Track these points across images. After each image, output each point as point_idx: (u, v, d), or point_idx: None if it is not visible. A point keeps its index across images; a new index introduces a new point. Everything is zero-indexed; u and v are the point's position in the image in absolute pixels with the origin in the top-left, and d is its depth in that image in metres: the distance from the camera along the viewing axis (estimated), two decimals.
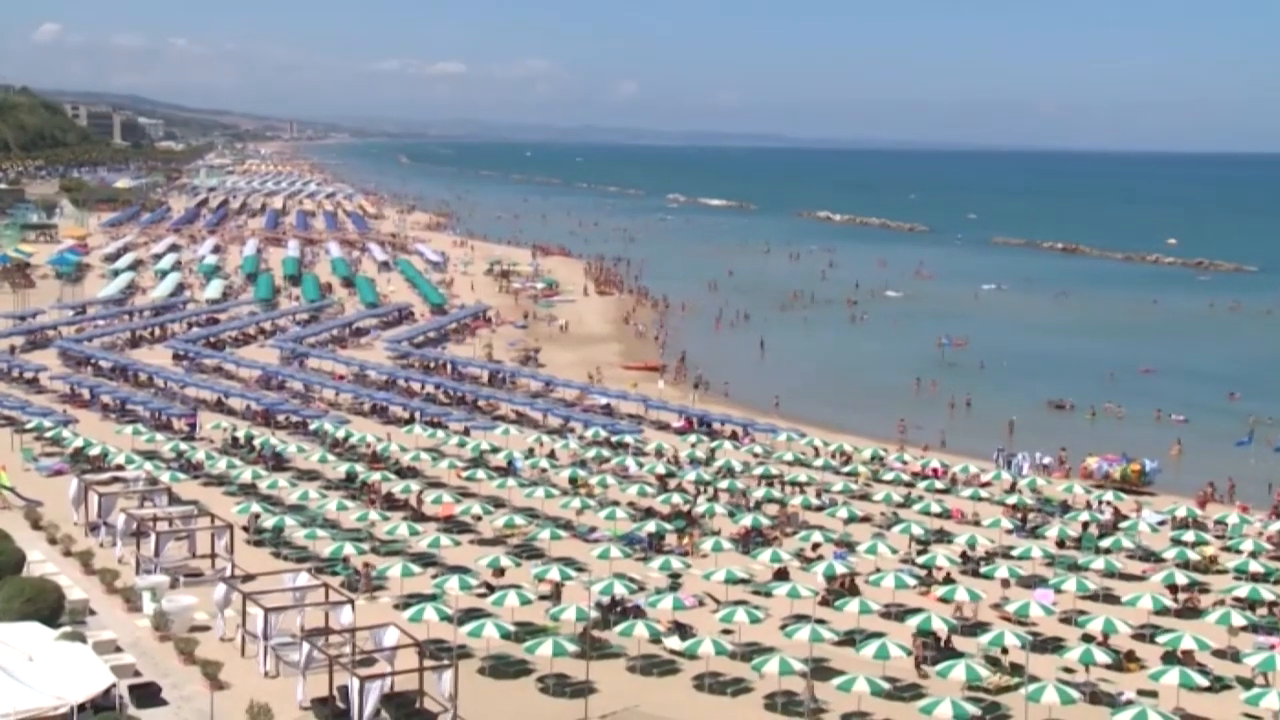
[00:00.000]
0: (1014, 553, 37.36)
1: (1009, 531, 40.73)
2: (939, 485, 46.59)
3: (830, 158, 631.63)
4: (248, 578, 31.80)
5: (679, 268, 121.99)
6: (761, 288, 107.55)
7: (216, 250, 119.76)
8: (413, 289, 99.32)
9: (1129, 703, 26.08)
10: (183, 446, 46.73)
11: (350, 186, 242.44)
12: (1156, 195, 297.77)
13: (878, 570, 34.38)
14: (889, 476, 47.14)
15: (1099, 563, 35.75)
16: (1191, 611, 33.53)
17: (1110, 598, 34.14)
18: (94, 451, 45.02)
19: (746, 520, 39.45)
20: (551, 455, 48.35)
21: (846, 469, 48.37)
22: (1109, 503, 44.12)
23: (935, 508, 42.28)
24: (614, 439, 51.64)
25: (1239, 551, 37.79)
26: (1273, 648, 29.55)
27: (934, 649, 29.46)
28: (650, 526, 38.44)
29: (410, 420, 54.25)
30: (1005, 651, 29.16)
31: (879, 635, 29.17)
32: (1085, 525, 41.27)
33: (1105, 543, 38.71)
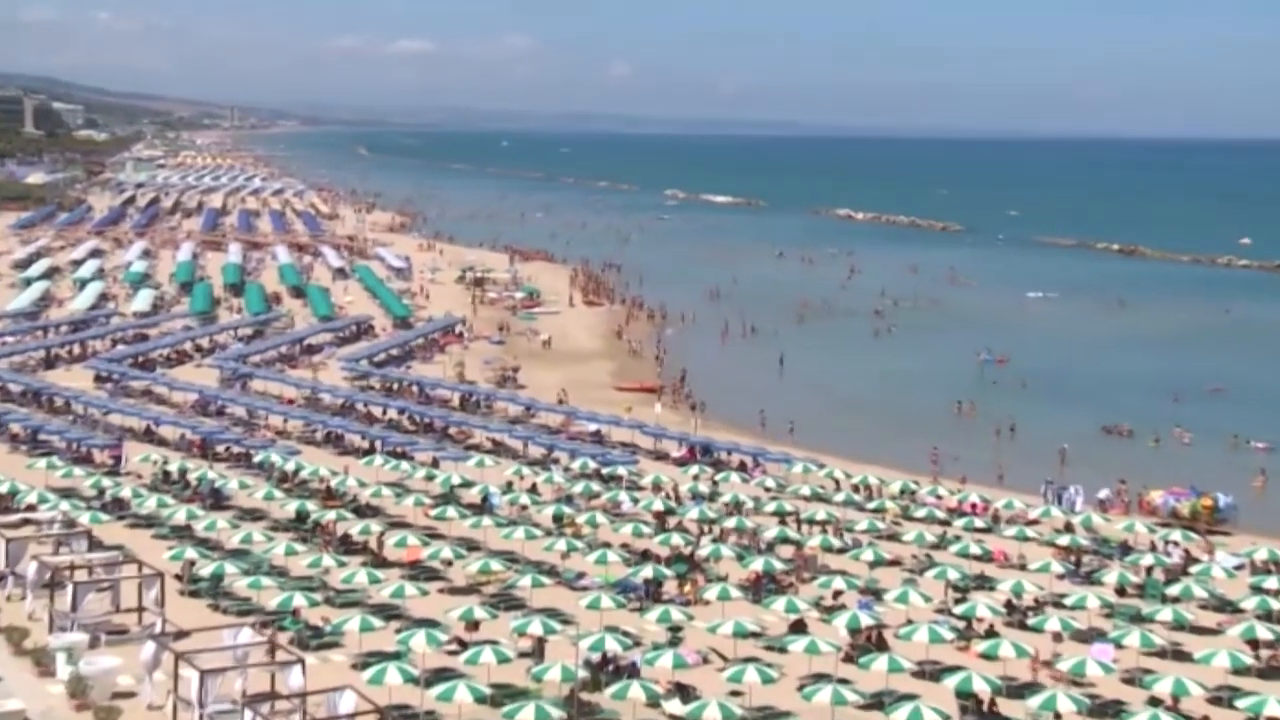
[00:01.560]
0: (1067, 601, 37.24)
1: (1061, 577, 40.60)
2: (979, 523, 46.47)
3: (850, 148, 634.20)
4: (181, 635, 31.52)
5: (678, 274, 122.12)
6: (773, 297, 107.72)
7: (146, 256, 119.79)
8: (373, 299, 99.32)
9: None
10: (106, 482, 46.53)
11: (301, 182, 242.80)
12: (1226, 188, 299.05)
13: (909, 622, 34.23)
14: (921, 513, 47.04)
15: (1166, 613, 35.61)
16: (1276, 671, 33.38)
17: (1180, 654, 34.02)
18: (1, 489, 44.82)
19: (757, 564, 39.31)
20: (533, 490, 48.22)
21: (872, 505, 48.25)
22: (1176, 543, 44.04)
23: (975, 549, 42.14)
24: (605, 471, 51.51)
25: None
26: None
27: (975, 713, 29.27)
28: (647, 572, 38.31)
29: (370, 450, 54.10)
30: (1058, 717, 29.00)
31: (911, 697, 29.01)
32: (1149, 570, 41.15)
33: (1173, 590, 38.58)
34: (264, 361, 74.72)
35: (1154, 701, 29.98)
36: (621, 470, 51.45)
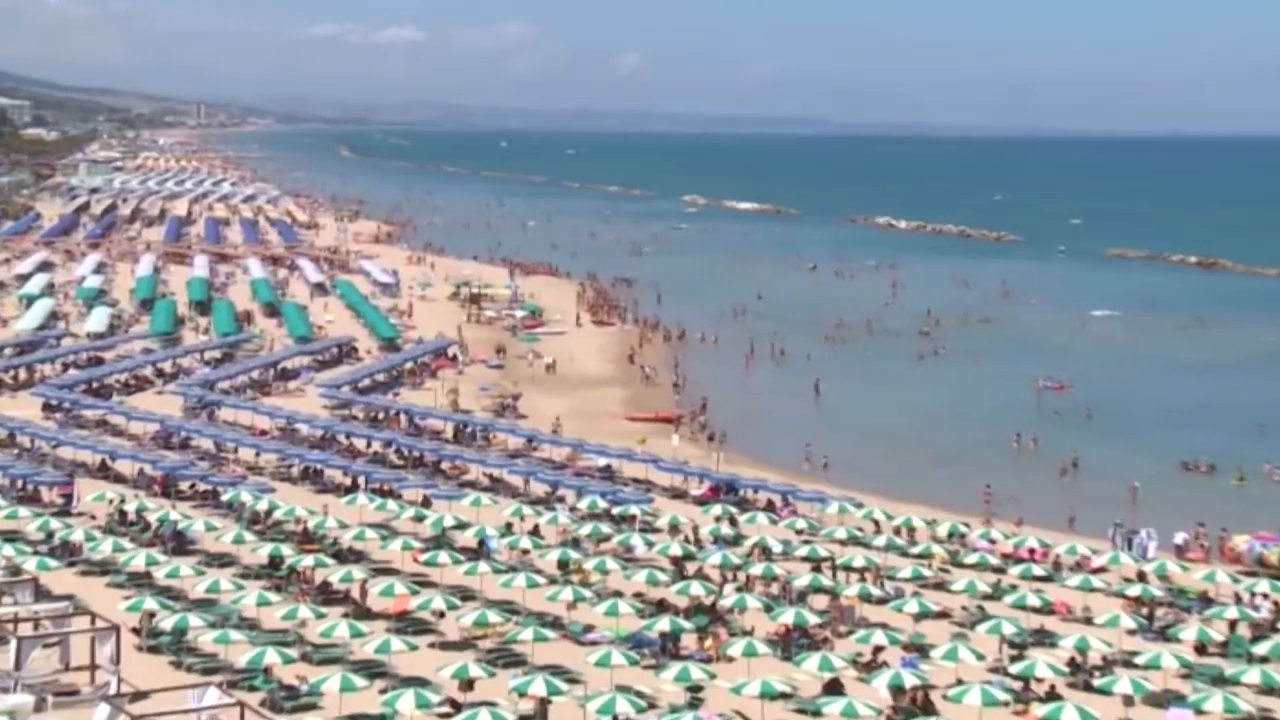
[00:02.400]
0: (1139, 660, 37.07)
1: (1132, 632, 40.44)
2: (1038, 571, 46.33)
3: (891, 147, 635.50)
4: (138, 696, 31.56)
5: (698, 290, 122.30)
6: (804, 316, 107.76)
7: (101, 269, 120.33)
8: (356, 319, 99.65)
9: None
10: (55, 524, 46.66)
11: (276, 187, 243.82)
12: None
13: (959, 682, 34.10)
14: (972, 559, 46.92)
15: (1253, 674, 35.42)
16: None
17: None
18: None
19: (787, 616, 39.25)
20: (535, 532, 48.23)
21: (917, 550, 48.16)
22: (1265, 595, 43.86)
23: (1033, 600, 42.01)
24: (616, 511, 51.50)
25: None
26: None
27: None
28: (663, 624, 38.30)
29: (353, 488, 54.16)
30: None
31: None
32: (1233, 625, 40.96)
33: (1261, 648, 38.38)
34: (234, 388, 74.97)
35: None
36: (634, 510, 51.43)
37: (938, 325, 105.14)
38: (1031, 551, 48.68)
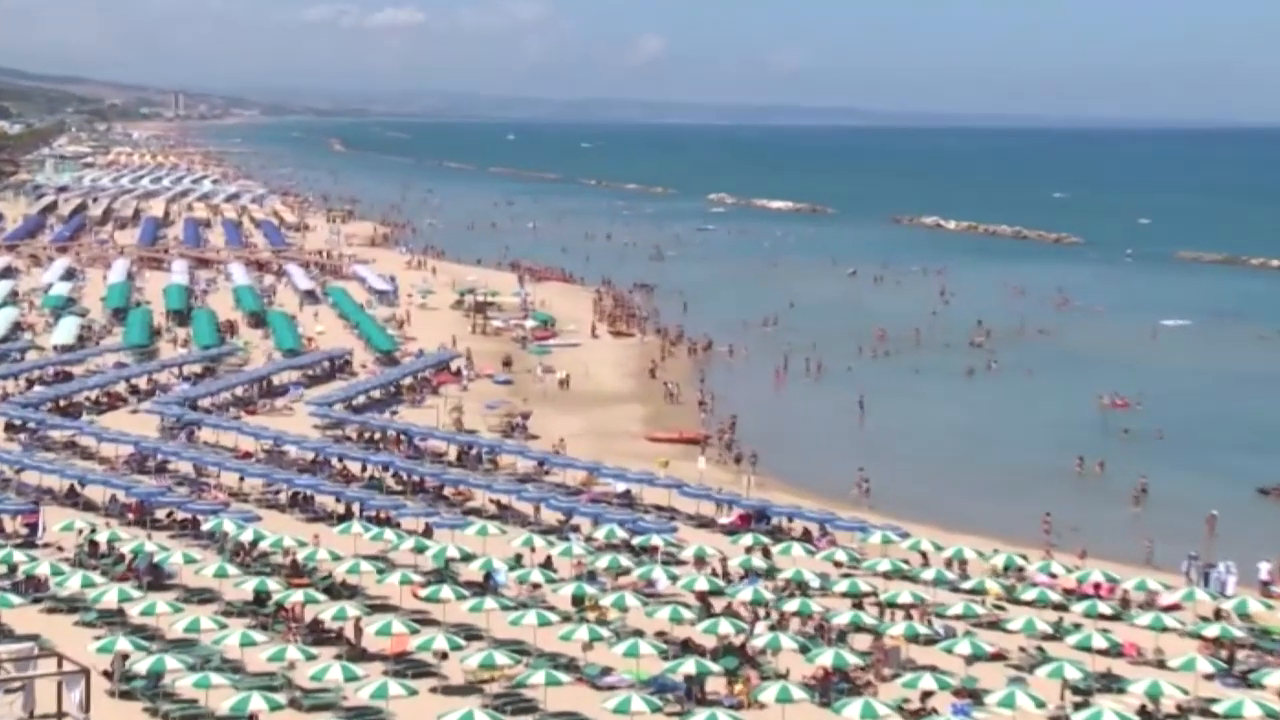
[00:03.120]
0: (1217, 709, 36.86)
1: (1209, 677, 40.21)
2: (1105, 608, 46.09)
3: (937, 141, 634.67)
4: None
5: (726, 298, 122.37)
6: (843, 326, 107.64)
7: (70, 276, 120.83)
8: (350, 329, 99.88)
9: None
10: (18, 556, 46.73)
11: (261, 185, 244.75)
12: None
13: None
14: (1031, 595, 46.72)
15: None
16: None
17: None
18: None
19: (826, 658, 39.16)
20: (547, 564, 48.21)
21: (969, 584, 47.99)
22: None
23: (1100, 641, 41.80)
24: (636, 541, 51.46)
25: None
26: None
27: None
28: (688, 667, 38.24)
29: (346, 516, 54.21)
30: None
31: None
32: None
33: None
34: (215, 406, 75.11)
35: None
36: (656, 540, 51.36)
37: (990, 337, 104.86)
38: (1097, 587, 48.42)
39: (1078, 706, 37.31)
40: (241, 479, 59.81)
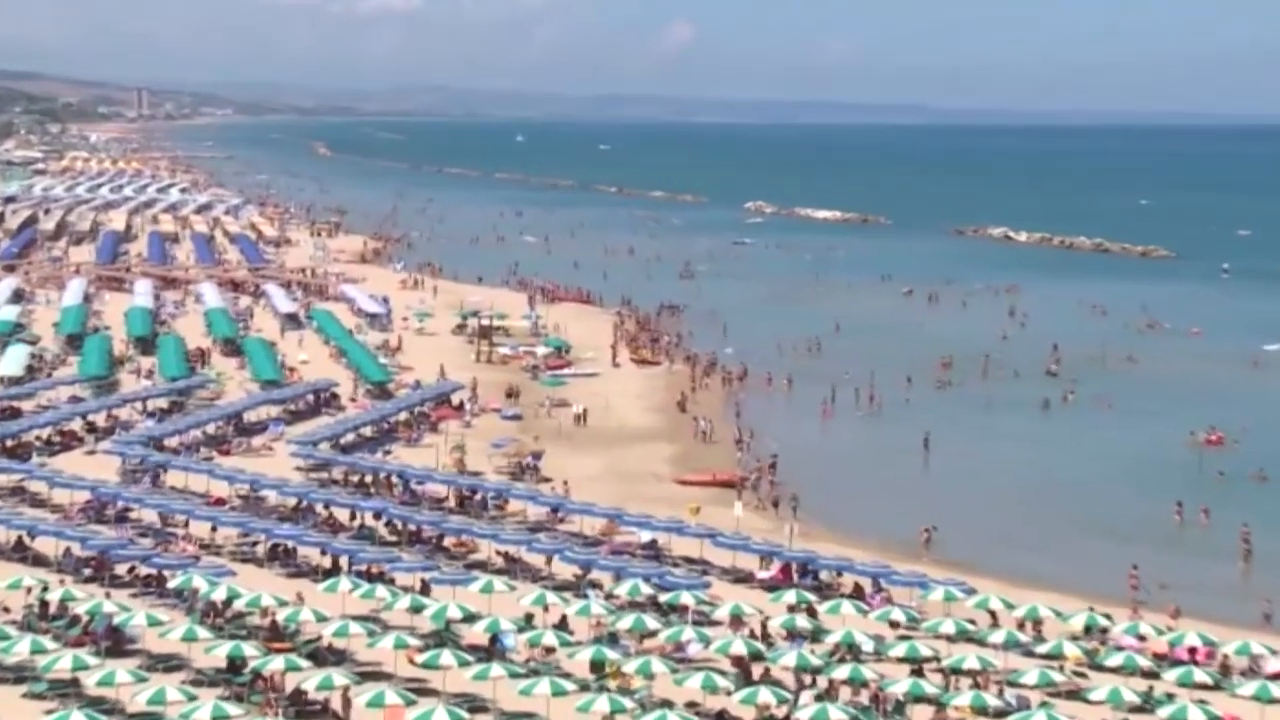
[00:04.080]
0: None
1: None
2: (1201, 676, 45.82)
3: (1007, 141, 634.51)
4: None
5: (765, 321, 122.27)
6: (899, 353, 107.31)
7: (18, 298, 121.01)
8: (338, 358, 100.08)
9: None
10: None
11: (236, 194, 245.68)
12: None
13: None
14: (1116, 661, 46.52)
15: None
16: None
17: None
18: None
19: None
20: (562, 625, 48.21)
21: (1045, 649, 47.81)
22: None
23: (1196, 714, 41.54)
24: (664, 599, 51.37)
25: None
26: None
27: None
28: None
29: (333, 571, 54.24)
30: None
31: None
32: None
33: None
34: (184, 446, 75.22)
35: None
36: (687, 598, 51.27)
37: (1065, 364, 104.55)
38: (1193, 651, 48.15)
39: None
40: (214, 529, 59.77)
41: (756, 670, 44.91)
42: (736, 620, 49.34)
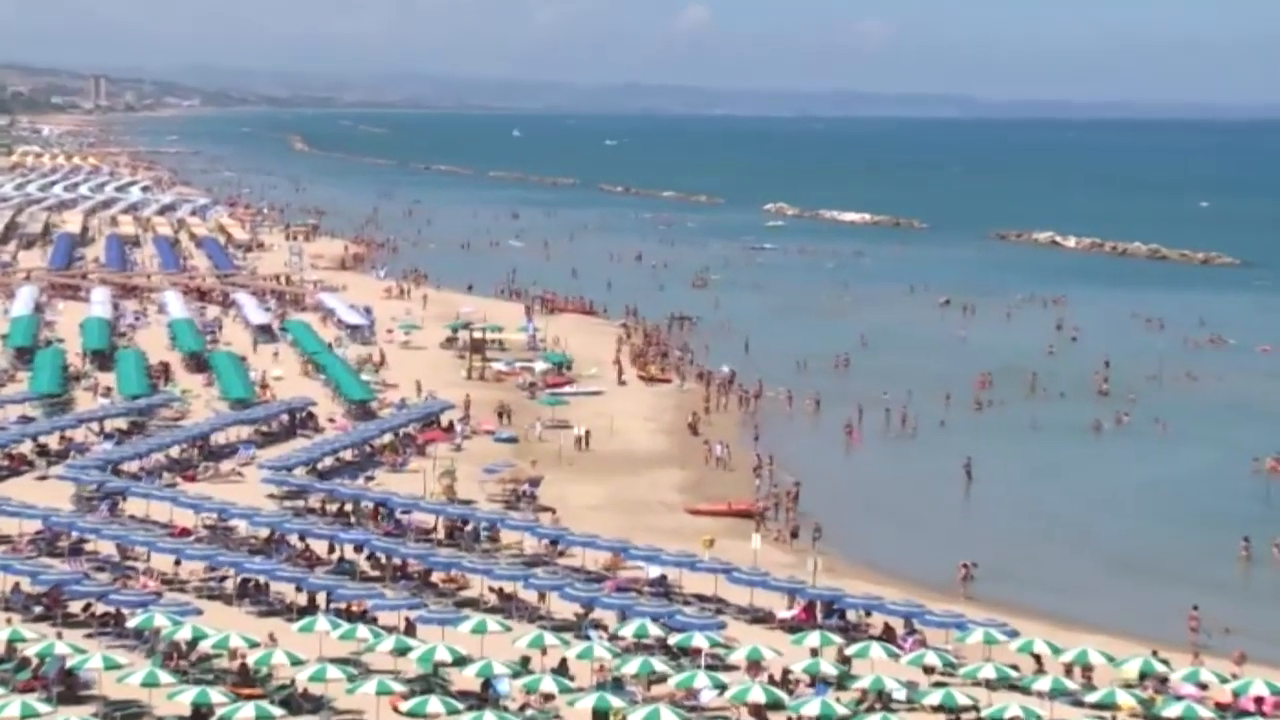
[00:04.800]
0: None
1: None
2: None
3: (1054, 136, 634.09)
4: None
5: (786, 334, 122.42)
6: (934, 369, 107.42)
7: None
8: (315, 374, 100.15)
9: None
10: None
11: (203, 193, 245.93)
12: None
13: None
14: (1175, 711, 46.46)
15: None
16: None
17: None
18: None
19: None
20: (562, 669, 48.25)
21: (1095, 697, 47.81)
22: None
23: None
24: (674, 641, 51.35)
25: None
26: None
27: None
28: None
29: (309, 608, 54.29)
30: None
31: None
32: None
33: None
34: (145, 471, 75.24)
35: None
36: (700, 640, 51.30)
37: (1111, 383, 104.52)
38: (1259, 701, 48.09)
39: None
40: (177, 562, 59.72)
41: None
42: (754, 665, 49.31)
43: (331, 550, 62.19)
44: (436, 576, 59.36)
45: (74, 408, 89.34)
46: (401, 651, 48.65)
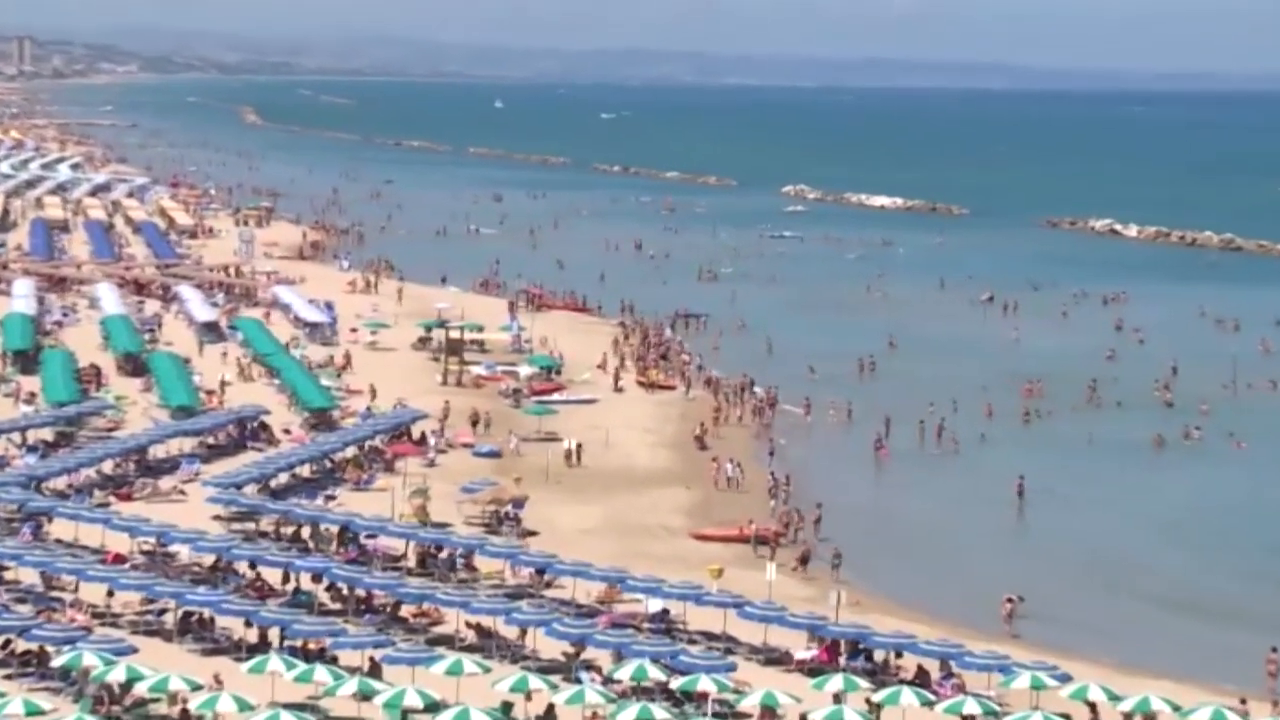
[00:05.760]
0: None
1: None
2: None
3: (1117, 109, 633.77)
4: None
5: (806, 335, 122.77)
6: (975, 375, 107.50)
7: None
8: (269, 378, 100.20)
9: None
10: None
11: (142, 171, 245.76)
12: None
13: None
14: None
15: None
16: None
17: None
18: None
19: None
20: (549, 717, 48.19)
21: None
22: None
23: None
24: (677, 685, 51.46)
25: None
26: None
27: None
28: None
29: (260, 646, 54.32)
30: None
31: None
32: None
33: None
34: (74, 488, 75.23)
35: None
36: (706, 683, 51.39)
37: (1174, 391, 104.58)
38: None
39: None
40: (110, 593, 59.63)
41: None
42: (769, 712, 49.45)
43: (286, 580, 62.11)
44: (406, 610, 59.37)
45: None
46: (366, 696, 48.73)
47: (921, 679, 53.59)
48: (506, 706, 49.06)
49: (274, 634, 54.93)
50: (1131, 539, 75.82)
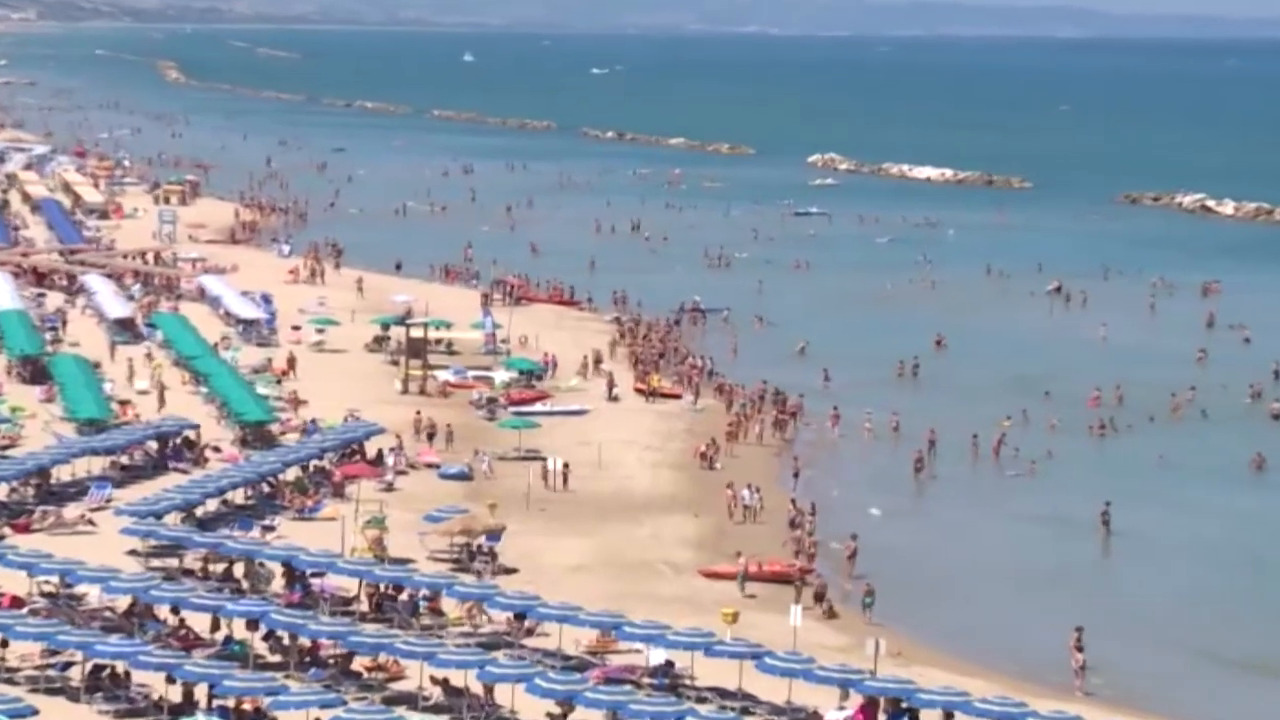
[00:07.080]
0: None
1: None
2: None
3: (1210, 62, 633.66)
4: None
5: (835, 332, 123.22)
6: (1037, 379, 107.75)
7: None
8: (194, 385, 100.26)
9: None
10: None
11: (42, 138, 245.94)
12: None
13: None
14: None
15: None
16: None
17: None
18: None
19: None
20: None
21: None
22: None
23: None
24: None
25: None
26: None
27: None
28: None
29: (185, 706, 54.41)
30: None
31: None
32: None
33: None
34: None
35: None
36: None
37: (1276, 401, 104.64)
38: None
39: None
40: (3, 643, 59.95)
41: None
42: None
43: (215, 627, 62.28)
44: (359, 662, 59.55)
45: None
46: None
47: None
48: None
49: (201, 691, 55.05)
50: (1221, 578, 75.95)
